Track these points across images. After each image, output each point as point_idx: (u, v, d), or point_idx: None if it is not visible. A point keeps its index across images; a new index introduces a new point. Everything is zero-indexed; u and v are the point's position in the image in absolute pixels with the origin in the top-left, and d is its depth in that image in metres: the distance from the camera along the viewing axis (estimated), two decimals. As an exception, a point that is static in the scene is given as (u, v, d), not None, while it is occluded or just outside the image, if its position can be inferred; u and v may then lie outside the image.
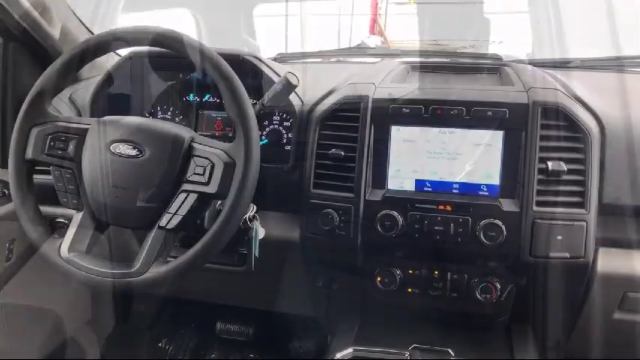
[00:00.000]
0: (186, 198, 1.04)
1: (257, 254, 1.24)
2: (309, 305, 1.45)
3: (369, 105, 1.21)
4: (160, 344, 1.87)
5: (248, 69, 1.30)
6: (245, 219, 1.21)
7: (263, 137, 1.40)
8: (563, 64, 1.60)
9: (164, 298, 1.72)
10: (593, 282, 1.19)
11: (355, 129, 1.22)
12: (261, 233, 1.24)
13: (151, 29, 1.06)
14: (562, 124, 1.15)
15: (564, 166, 1.12)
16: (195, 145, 1.06)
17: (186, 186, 1.04)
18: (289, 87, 1.18)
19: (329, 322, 1.43)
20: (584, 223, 1.12)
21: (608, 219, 1.17)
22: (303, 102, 1.32)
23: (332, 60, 1.89)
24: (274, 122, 1.40)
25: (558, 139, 1.15)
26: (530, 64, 1.53)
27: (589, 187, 1.13)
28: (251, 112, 1.02)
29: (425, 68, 1.52)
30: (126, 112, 1.18)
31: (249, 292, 1.53)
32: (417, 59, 1.68)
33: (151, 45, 1.09)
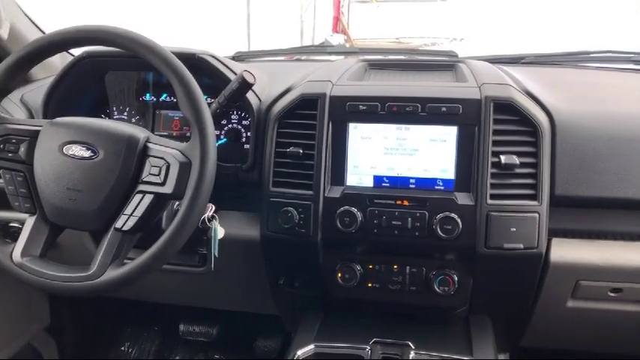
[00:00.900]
0: (142, 199, 1.03)
1: (217, 254, 1.23)
2: (272, 304, 1.45)
3: (327, 103, 1.22)
4: (122, 348, 1.85)
5: (204, 68, 1.29)
6: (204, 219, 1.21)
7: (222, 136, 1.39)
8: (516, 60, 1.64)
9: (125, 300, 1.69)
10: (546, 272, 1.22)
11: (313, 127, 1.22)
12: (220, 233, 1.23)
13: (103, 28, 1.05)
14: (514, 118, 1.17)
15: (517, 160, 1.15)
16: (150, 145, 1.05)
17: (141, 187, 1.03)
18: (245, 85, 1.18)
19: (292, 319, 1.43)
20: (537, 215, 1.15)
21: (560, 210, 1.21)
22: (261, 100, 1.32)
23: (292, 58, 1.90)
24: (233, 121, 1.40)
25: (510, 133, 1.17)
26: (485, 60, 1.56)
27: (541, 179, 1.16)
28: (206, 111, 1.01)
29: (382, 66, 1.54)
30: (80, 114, 1.16)
31: (210, 292, 1.53)
32: (376, 57, 1.69)
33: (103, 44, 1.07)
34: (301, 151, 1.22)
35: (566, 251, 1.22)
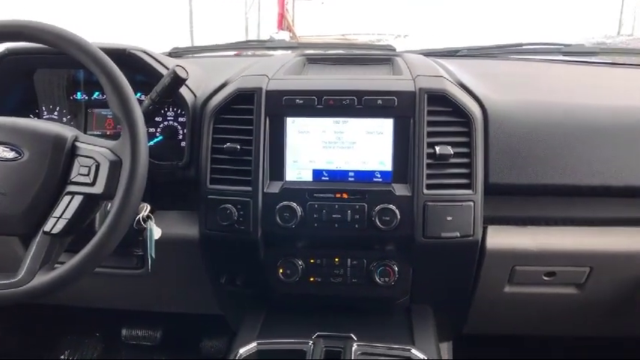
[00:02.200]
0: (71, 200, 0.99)
1: (153, 255, 1.20)
2: (215, 303, 1.43)
3: (263, 97, 1.21)
4: (62, 356, 1.78)
5: (135, 64, 1.26)
6: (139, 219, 1.18)
7: (157, 134, 1.36)
8: (452, 53, 1.68)
9: (64, 307, 1.63)
10: (483, 259, 1.25)
11: (250, 121, 1.21)
12: (156, 233, 1.20)
13: (22, 23, 1.00)
14: (447, 109, 1.19)
15: (451, 150, 1.17)
16: (78, 144, 1.01)
17: (70, 187, 0.99)
18: (178, 80, 1.15)
19: (236, 318, 1.41)
20: (472, 203, 1.17)
21: (494, 198, 1.24)
22: (196, 96, 1.29)
23: (232, 54, 1.88)
24: (169, 118, 1.36)
25: (444, 124, 1.19)
26: (421, 54, 1.58)
27: (474, 168, 1.18)
28: (136, 107, 0.99)
29: (321, 60, 1.54)
30: (5, 114, 1.10)
31: (151, 295, 1.49)
32: (314, 51, 1.69)
33: (23, 40, 1.02)
34: (238, 147, 1.20)
35: (501, 238, 1.25)
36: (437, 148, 1.17)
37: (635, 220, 1.27)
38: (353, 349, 1.13)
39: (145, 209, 1.19)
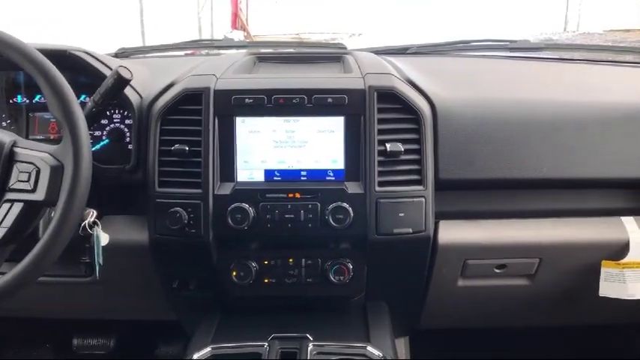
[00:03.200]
0: (10, 208, 0.95)
1: (101, 262, 1.16)
2: (169, 309, 1.40)
3: (211, 97, 1.19)
4: (10, 370, 1.71)
5: (77, 65, 1.22)
6: (84, 225, 1.14)
7: (103, 137, 1.32)
8: (402, 51, 1.69)
9: (11, 319, 1.57)
10: (436, 253, 1.26)
11: (198, 122, 1.19)
12: (104, 239, 1.17)
13: None
14: (397, 106, 1.20)
15: (401, 147, 1.17)
16: (17, 149, 0.97)
17: (9, 195, 0.95)
18: (121, 81, 1.12)
19: (191, 323, 1.38)
20: (423, 199, 1.18)
21: (445, 193, 1.25)
22: (142, 97, 1.26)
23: (180, 54, 1.84)
24: (115, 120, 1.33)
25: (394, 121, 1.20)
26: (372, 52, 1.59)
27: (425, 164, 1.19)
28: (77, 109, 0.95)
29: (271, 59, 1.53)
30: None
31: (102, 302, 1.44)
32: (265, 50, 1.68)
33: None
34: (187, 149, 1.18)
35: (453, 233, 1.26)
36: (388, 145, 1.17)
37: (581, 211, 1.31)
38: (309, 349, 1.12)
39: (92, 215, 1.16)
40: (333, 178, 1.20)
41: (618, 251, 1.28)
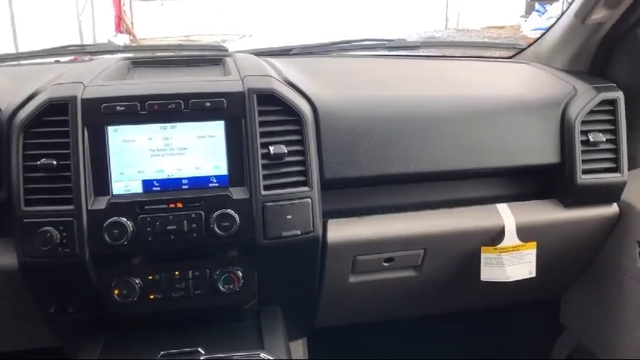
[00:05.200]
0: None
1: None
2: (47, 336, 1.29)
3: (78, 106, 1.11)
4: None
5: None
6: None
7: None
8: (285, 52, 1.68)
9: None
10: (326, 253, 1.27)
11: (66, 134, 1.11)
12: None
13: None
14: (278, 109, 1.19)
15: (285, 149, 1.16)
16: None
17: None
18: None
19: (75, 347, 1.29)
20: (310, 200, 1.18)
21: (332, 192, 1.26)
22: (0, 109, 1.15)
23: (50, 61, 1.72)
24: None
25: (276, 123, 1.18)
26: (254, 53, 1.57)
27: (309, 165, 1.19)
28: None
29: (147, 63, 1.46)
30: None
31: None
32: (140, 54, 1.60)
33: None
34: (55, 163, 1.09)
35: (341, 231, 1.27)
36: (271, 148, 1.16)
37: (461, 201, 1.38)
38: (200, 362, 1.08)
39: None
40: (217, 185, 1.17)
41: (495, 237, 1.36)
